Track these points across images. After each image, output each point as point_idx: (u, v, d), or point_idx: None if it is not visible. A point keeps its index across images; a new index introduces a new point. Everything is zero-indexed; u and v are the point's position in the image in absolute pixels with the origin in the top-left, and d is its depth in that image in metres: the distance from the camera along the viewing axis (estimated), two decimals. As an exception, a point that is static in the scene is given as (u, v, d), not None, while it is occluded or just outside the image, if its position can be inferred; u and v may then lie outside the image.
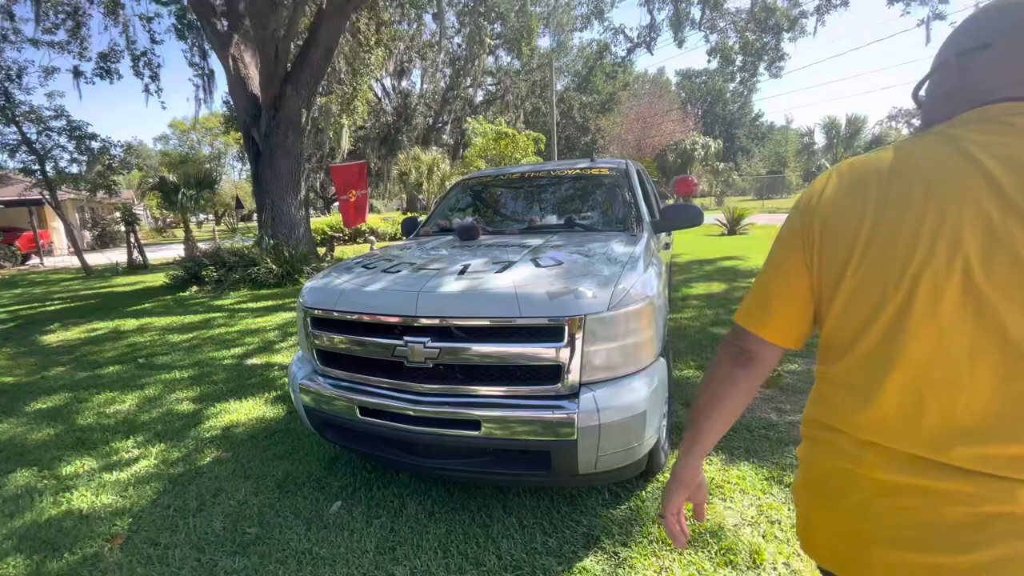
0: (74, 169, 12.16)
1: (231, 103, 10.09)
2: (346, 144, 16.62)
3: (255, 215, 12.01)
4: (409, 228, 3.70)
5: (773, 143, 51.53)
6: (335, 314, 2.19)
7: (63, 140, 11.71)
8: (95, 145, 12.00)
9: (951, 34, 0.81)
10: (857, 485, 0.78)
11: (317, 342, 2.29)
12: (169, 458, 2.92)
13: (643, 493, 2.31)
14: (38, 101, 11.93)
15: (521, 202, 3.50)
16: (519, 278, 2.02)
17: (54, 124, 11.58)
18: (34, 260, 16.13)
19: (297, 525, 2.23)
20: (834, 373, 0.82)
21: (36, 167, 11.10)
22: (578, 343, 1.86)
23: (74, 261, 12.65)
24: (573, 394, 1.89)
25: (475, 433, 1.91)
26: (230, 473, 2.71)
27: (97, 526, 2.34)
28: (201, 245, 14.28)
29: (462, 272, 2.13)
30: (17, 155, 11.17)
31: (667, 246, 3.75)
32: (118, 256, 14.45)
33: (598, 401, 1.85)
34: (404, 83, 28.53)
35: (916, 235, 0.69)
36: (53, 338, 6.08)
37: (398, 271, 2.28)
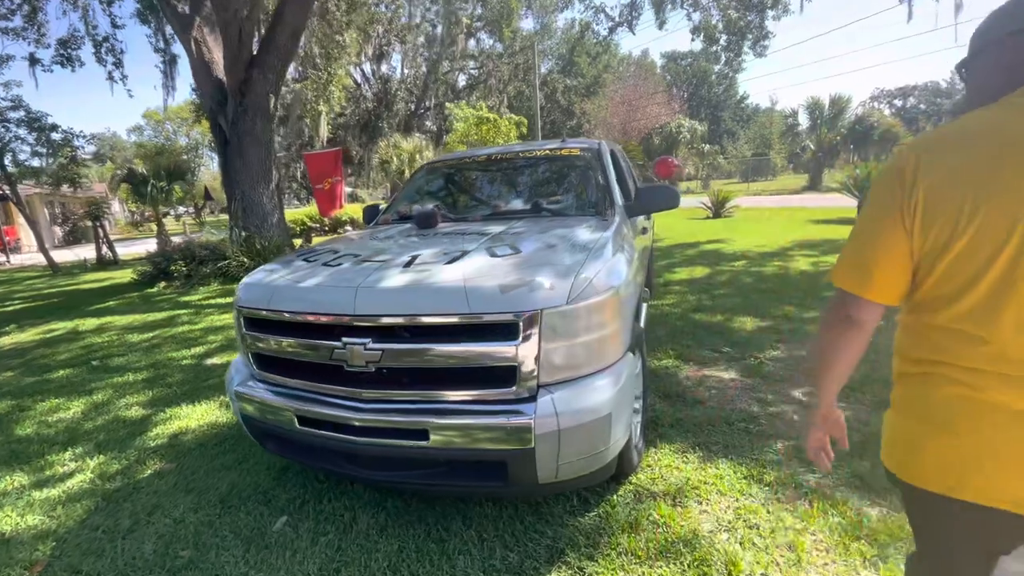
0: (36, 163, 11.61)
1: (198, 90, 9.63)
2: (324, 131, 16.13)
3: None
4: (371, 216, 3.47)
5: (758, 125, 51.48)
6: (269, 313, 1.97)
7: (22, 132, 11.16)
8: (56, 137, 11.48)
9: (994, 18, 0.92)
10: (979, 410, 0.87)
11: (252, 344, 2.07)
12: (107, 471, 2.70)
13: (614, 498, 2.15)
14: None
15: (487, 186, 3.28)
16: (470, 270, 1.82)
17: (11, 115, 11.01)
18: (0, 258, 15.54)
19: (235, 546, 2.03)
20: (940, 320, 0.91)
21: (-7, 161, 10.58)
22: (534, 340, 1.67)
23: (42, 259, 12.19)
24: (531, 397, 1.70)
25: (423, 443, 1.72)
26: (171, 487, 2.49)
27: (17, 551, 2.12)
28: (175, 239, 13.86)
29: (408, 264, 1.92)
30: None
31: (645, 230, 3.57)
32: (89, 252, 13.95)
33: (557, 404, 1.66)
34: (384, 68, 27.87)
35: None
36: (7, 340, 5.77)
37: (339, 264, 2.06)
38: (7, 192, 11.27)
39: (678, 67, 55.98)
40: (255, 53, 8.51)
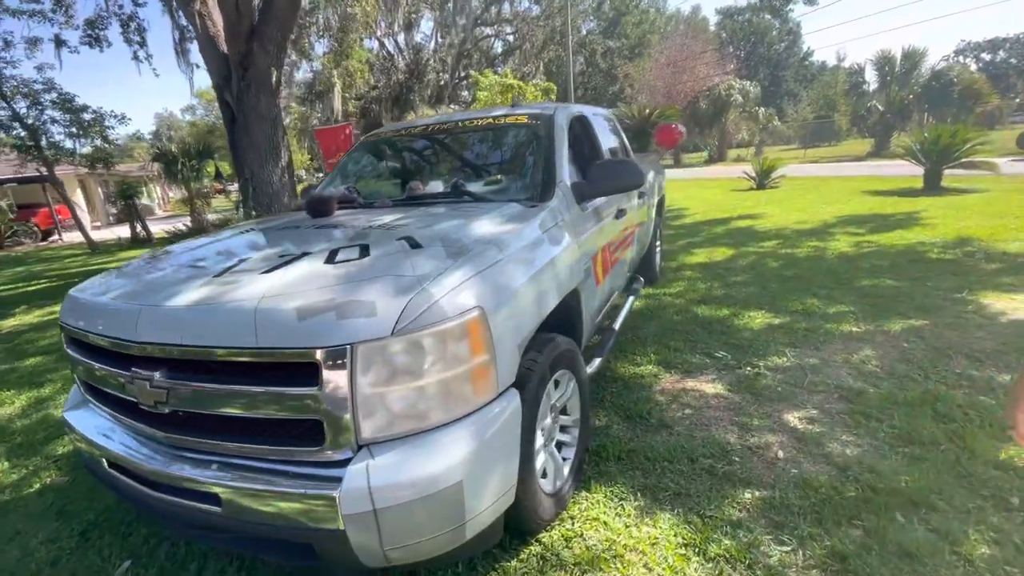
0: (68, 144, 12.02)
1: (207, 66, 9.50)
2: (338, 105, 15.87)
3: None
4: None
5: (822, 85, 47.09)
6: (76, 331, 1.62)
7: (56, 114, 11.52)
8: (87, 117, 11.78)
9: None
10: None
11: (73, 366, 1.74)
12: (2, 481, 2.51)
13: (511, 564, 1.70)
14: (21, 77, 11.63)
15: (414, 164, 2.80)
16: (281, 282, 1.37)
17: (45, 98, 11.36)
18: (54, 236, 16.52)
19: (61, 597, 1.75)
20: None
21: (31, 143, 10.98)
22: (344, 384, 1.22)
23: (93, 236, 12.82)
24: (346, 460, 1.26)
25: (215, 509, 1.33)
26: (46, 508, 2.26)
27: None
28: (212, 216, 14.17)
29: (222, 273, 1.50)
30: (11, 132, 11.06)
31: (620, 213, 2.98)
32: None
33: (373, 475, 1.21)
34: (418, 37, 27.24)
35: None
36: (9, 323, 5.90)
37: (162, 271, 1.67)
38: (42, 172, 11.76)
39: (734, 23, 51.78)
40: (255, 25, 8.21)
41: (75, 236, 17.69)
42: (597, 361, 2.62)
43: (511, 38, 30.13)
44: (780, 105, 44.68)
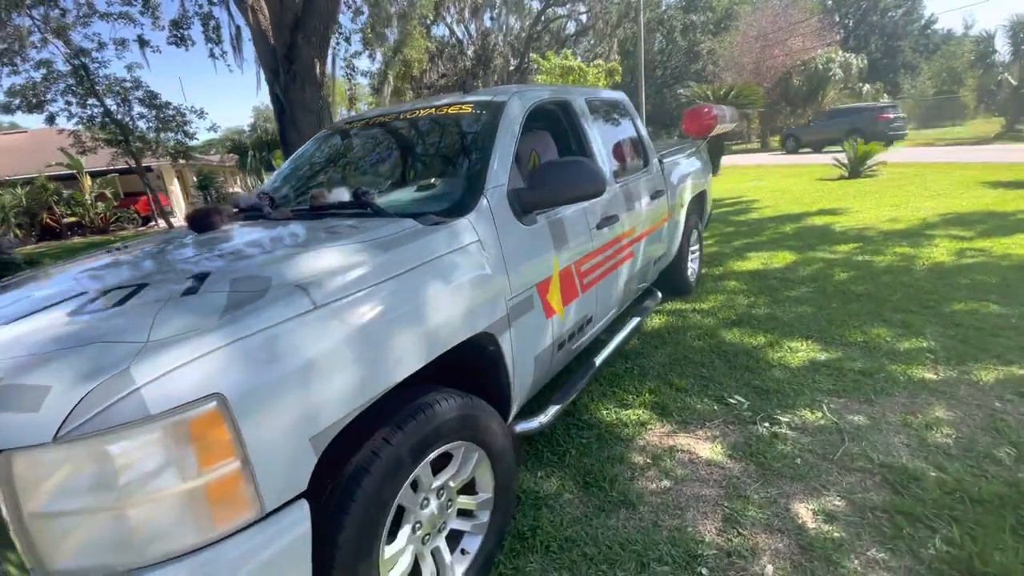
0: (153, 137, 13.04)
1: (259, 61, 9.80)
2: (387, 93, 15.92)
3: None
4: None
5: (945, 55, 40.75)
6: None
7: (143, 110, 12.54)
8: (169, 112, 12.71)
9: None
10: None
11: None
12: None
13: None
14: (103, 77, 12.71)
15: (338, 166, 2.39)
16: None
17: (133, 95, 12.39)
18: (152, 222, 18.26)
19: None
20: None
21: (121, 137, 12.05)
22: None
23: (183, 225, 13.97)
24: (18, 605, 0.91)
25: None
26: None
27: None
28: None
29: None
30: (107, 127, 12.19)
31: (607, 222, 2.41)
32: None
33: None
34: (487, 22, 26.92)
35: None
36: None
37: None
38: (131, 164, 12.90)
39: (842, -12, 46.13)
40: (299, 16, 8.23)
41: (175, 221, 19.50)
42: (553, 410, 2.12)
43: (584, 18, 28.92)
44: (894, 80, 39.36)
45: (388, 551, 1.32)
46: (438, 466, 1.49)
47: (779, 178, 12.51)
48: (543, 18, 27.77)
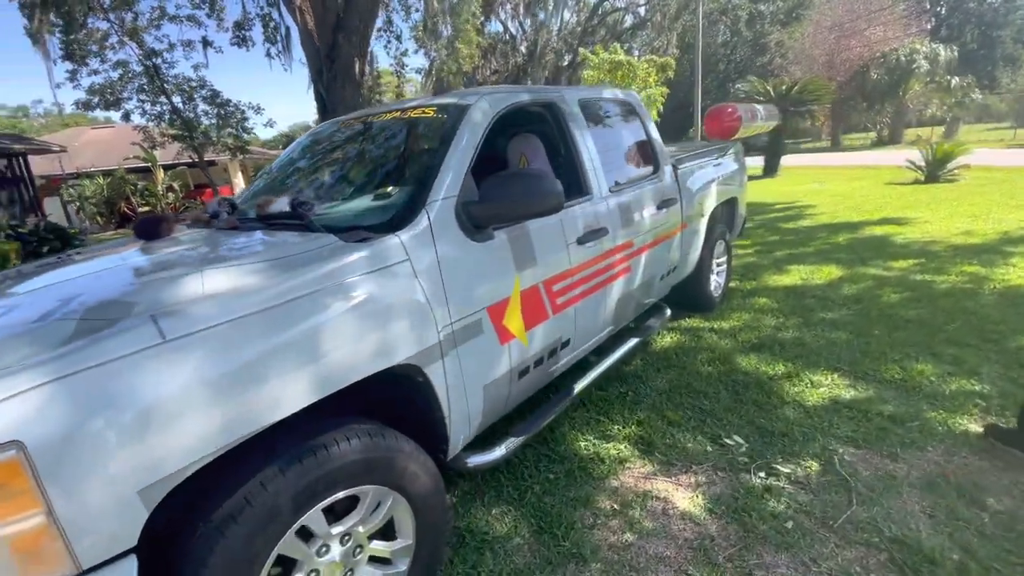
0: (214, 134, 13.79)
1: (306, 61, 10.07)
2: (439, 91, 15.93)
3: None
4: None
5: (1058, 43, 36.19)
6: None
7: (206, 107, 13.29)
8: (229, 109, 13.40)
9: None
10: None
11: None
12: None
13: None
14: (171, 76, 13.52)
15: (297, 172, 2.28)
16: None
17: (198, 94, 13.14)
18: (216, 212, 19.43)
19: None
20: None
21: (186, 133, 12.83)
22: None
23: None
24: None
25: None
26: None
27: None
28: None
29: None
30: (174, 123, 13.03)
31: (589, 237, 2.19)
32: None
33: None
34: (541, 16, 26.60)
35: None
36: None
37: None
38: (194, 158, 13.71)
39: (935, -28, 41.99)
40: (340, 17, 8.37)
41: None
42: (513, 442, 1.95)
43: (642, 10, 27.97)
44: (992, 73, 35.48)
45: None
46: (346, 508, 1.36)
47: (844, 181, 11.54)
48: (599, 11, 27.13)
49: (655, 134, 3.07)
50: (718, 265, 4.03)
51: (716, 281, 3.99)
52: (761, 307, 3.92)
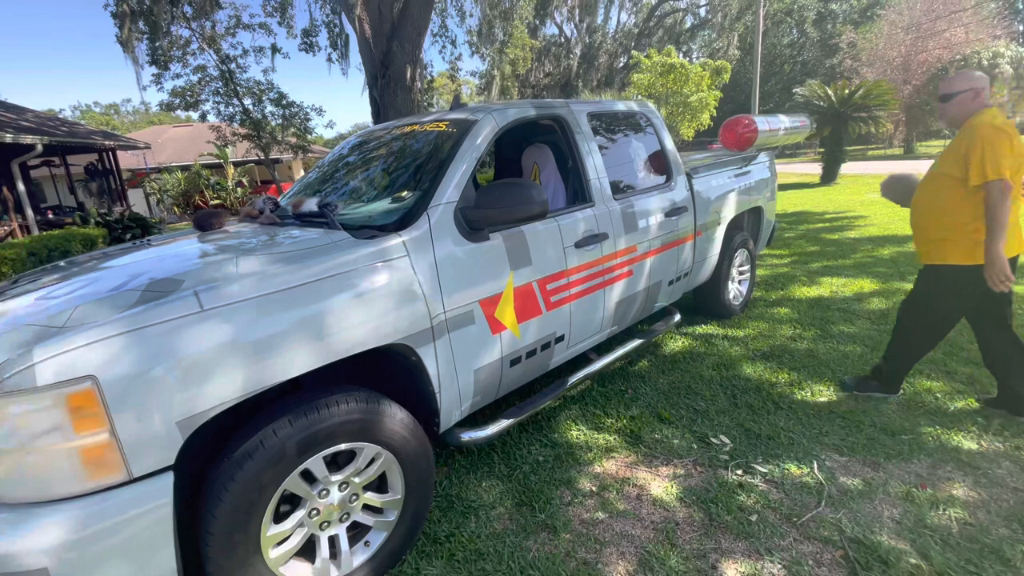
0: (279, 135, 14.81)
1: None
2: (495, 94, 16.29)
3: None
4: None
5: None
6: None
7: (273, 109, 14.30)
8: (294, 110, 14.35)
9: None
10: None
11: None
12: None
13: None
14: (243, 80, 14.57)
15: (328, 177, 2.56)
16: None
17: (266, 96, 14.17)
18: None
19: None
20: None
21: (254, 133, 13.88)
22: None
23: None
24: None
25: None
26: None
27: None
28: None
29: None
30: (245, 124, 14.12)
31: (588, 241, 2.36)
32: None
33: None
34: (599, 18, 26.54)
35: None
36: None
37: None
38: (260, 156, 14.78)
39: (1036, -35, 38.34)
40: (394, 25, 8.84)
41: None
42: (503, 423, 2.16)
43: (703, 11, 27.32)
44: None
45: (273, 529, 1.47)
46: (346, 460, 1.63)
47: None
48: (657, 13, 26.73)
49: (670, 145, 3.19)
50: (740, 274, 4.06)
51: (737, 290, 4.03)
52: (780, 317, 3.93)
